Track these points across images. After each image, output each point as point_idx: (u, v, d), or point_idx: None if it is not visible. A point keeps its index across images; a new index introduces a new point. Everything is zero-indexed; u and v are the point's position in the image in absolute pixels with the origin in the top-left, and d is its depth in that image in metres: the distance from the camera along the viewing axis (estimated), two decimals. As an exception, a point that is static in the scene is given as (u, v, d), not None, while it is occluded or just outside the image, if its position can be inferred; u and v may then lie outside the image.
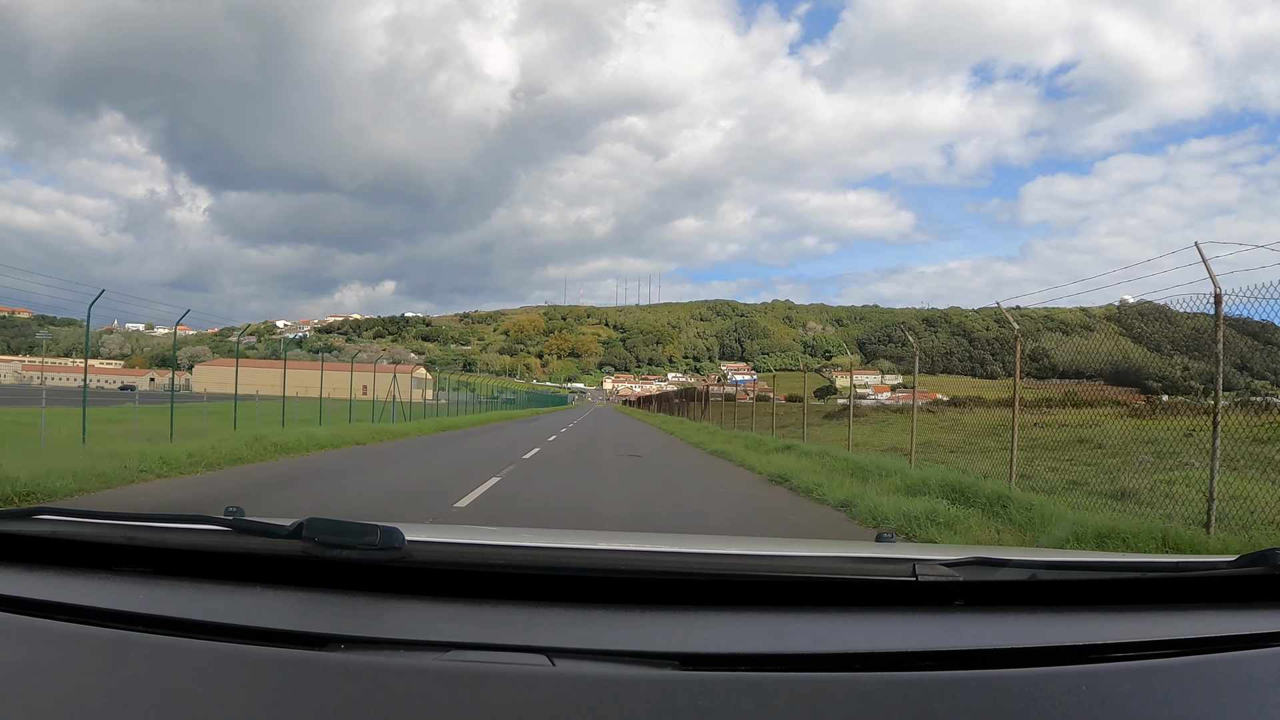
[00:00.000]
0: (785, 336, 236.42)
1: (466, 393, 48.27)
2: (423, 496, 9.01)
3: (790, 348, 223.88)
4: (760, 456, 14.52)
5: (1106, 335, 7.68)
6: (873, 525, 7.21)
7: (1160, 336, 6.70)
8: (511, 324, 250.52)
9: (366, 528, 1.05)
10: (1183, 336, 7.23)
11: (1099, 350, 7.88)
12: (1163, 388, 11.25)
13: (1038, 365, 14.60)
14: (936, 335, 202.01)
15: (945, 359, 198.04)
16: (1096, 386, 12.19)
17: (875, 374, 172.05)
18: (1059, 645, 0.95)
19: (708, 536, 3.07)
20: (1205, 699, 0.87)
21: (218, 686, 0.84)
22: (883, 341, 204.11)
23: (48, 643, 0.93)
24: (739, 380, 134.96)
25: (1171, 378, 9.14)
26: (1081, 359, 8.81)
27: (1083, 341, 8.23)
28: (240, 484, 9.53)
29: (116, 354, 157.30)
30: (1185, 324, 6.99)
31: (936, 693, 0.85)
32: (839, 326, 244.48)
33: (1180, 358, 7.68)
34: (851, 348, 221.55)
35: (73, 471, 8.36)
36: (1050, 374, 18.83)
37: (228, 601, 1.05)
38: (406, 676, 0.85)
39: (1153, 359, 7.25)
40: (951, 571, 1.08)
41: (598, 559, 1.20)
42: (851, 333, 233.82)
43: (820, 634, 1.01)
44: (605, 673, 0.88)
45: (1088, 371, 9.93)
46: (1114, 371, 8.51)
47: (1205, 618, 1.06)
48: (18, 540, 1.18)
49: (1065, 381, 14.56)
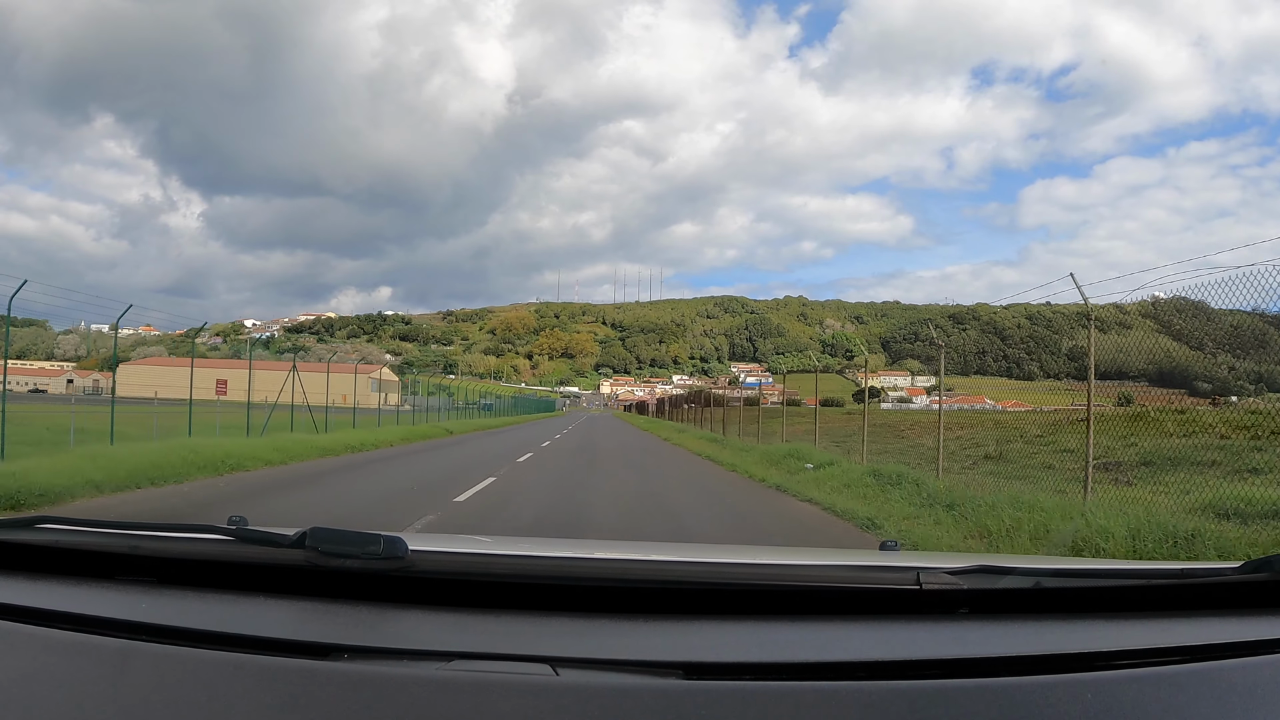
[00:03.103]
0: (801, 334, 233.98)
1: (444, 397, 47.72)
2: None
3: (808, 347, 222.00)
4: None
5: (1146, 333, 7.70)
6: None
7: (1202, 334, 6.71)
8: (499, 322, 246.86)
9: (370, 537, 1.13)
10: (1224, 334, 7.24)
11: (1140, 349, 7.89)
12: (1213, 389, 11.24)
13: (1076, 365, 14.56)
14: (966, 333, 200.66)
15: (979, 359, 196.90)
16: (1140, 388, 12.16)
17: (905, 375, 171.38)
18: (1064, 653, 1.02)
19: (711, 546, 3.13)
20: (1210, 706, 0.93)
21: (221, 696, 0.90)
22: (908, 340, 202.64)
23: (51, 652, 1.00)
24: (754, 383, 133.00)
25: (1219, 378, 9.15)
26: (1123, 358, 8.81)
27: (1122, 339, 8.25)
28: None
29: (71, 355, 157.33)
30: (1224, 320, 7.00)
31: (942, 701, 0.91)
32: (859, 324, 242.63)
33: (1224, 356, 7.72)
34: (874, 346, 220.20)
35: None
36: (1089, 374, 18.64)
37: (231, 611, 1.12)
38: (410, 686, 0.91)
39: (1197, 358, 7.27)
40: (956, 579, 1.15)
41: (601, 568, 1.28)
42: (873, 330, 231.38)
43: (825, 643, 1.08)
44: (609, 682, 0.94)
45: (1131, 372, 9.93)
46: (1158, 372, 8.53)
47: (1210, 624, 1.12)
48: (21, 549, 1.26)
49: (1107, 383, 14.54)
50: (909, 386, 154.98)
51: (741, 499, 11.63)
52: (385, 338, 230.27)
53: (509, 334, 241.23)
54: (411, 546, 1.14)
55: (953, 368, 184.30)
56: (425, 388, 47.94)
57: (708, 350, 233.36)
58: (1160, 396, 9.91)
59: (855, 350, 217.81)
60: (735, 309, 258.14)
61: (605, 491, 12.03)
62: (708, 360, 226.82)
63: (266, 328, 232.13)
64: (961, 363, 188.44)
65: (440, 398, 46.71)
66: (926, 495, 9.42)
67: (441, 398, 46.97)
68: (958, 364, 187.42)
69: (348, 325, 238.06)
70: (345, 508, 10.02)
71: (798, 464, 14.31)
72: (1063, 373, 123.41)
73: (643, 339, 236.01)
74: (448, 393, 50.54)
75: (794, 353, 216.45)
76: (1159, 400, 9.81)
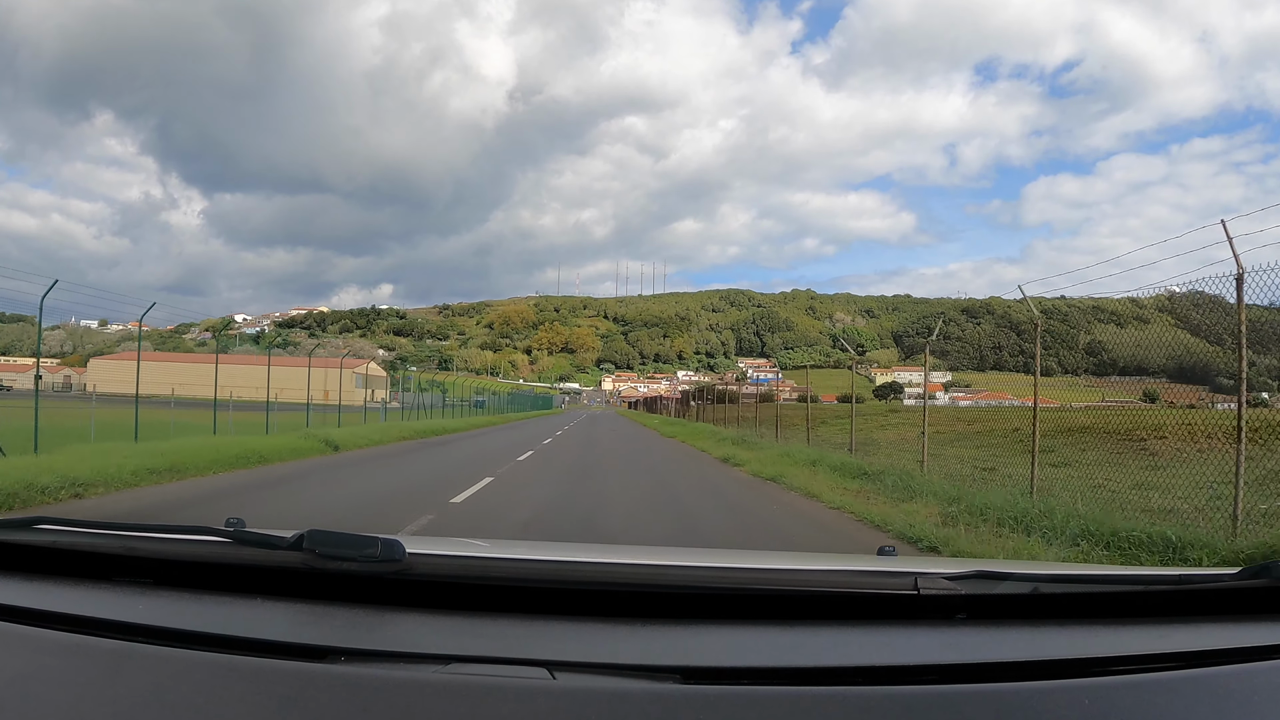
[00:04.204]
0: (811, 329, 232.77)
1: (436, 393, 47.53)
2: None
3: (817, 341, 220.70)
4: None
5: (1164, 327, 7.68)
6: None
7: (1220, 329, 6.70)
8: (496, 316, 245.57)
9: (367, 540, 1.16)
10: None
11: (1159, 343, 7.89)
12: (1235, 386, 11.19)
13: (1095, 360, 14.54)
14: (980, 327, 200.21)
15: (995, 353, 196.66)
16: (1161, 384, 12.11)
17: (920, 370, 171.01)
18: (1061, 659, 1.05)
19: (709, 550, 3.17)
20: (1208, 712, 0.96)
21: (217, 698, 0.93)
22: (921, 334, 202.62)
23: (47, 653, 1.03)
24: (764, 379, 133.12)
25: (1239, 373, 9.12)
26: (1143, 354, 8.80)
27: (1139, 334, 8.25)
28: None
29: (57, 351, 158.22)
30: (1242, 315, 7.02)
31: (939, 706, 0.94)
32: (870, 318, 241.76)
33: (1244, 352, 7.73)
34: (886, 341, 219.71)
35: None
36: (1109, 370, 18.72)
37: (228, 613, 1.16)
38: (406, 689, 0.94)
39: (1216, 353, 7.23)
40: (953, 585, 1.19)
41: (598, 572, 1.31)
42: (885, 324, 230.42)
43: (822, 647, 1.11)
44: (606, 686, 0.97)
45: (1150, 368, 9.91)
46: (1178, 368, 8.52)
47: (1208, 630, 1.15)
48: (17, 550, 1.30)
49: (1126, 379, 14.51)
50: (927, 383, 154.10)
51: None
52: (379, 332, 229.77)
53: (507, 328, 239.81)
54: (409, 549, 1.17)
55: (968, 363, 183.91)
56: (417, 383, 47.67)
57: (714, 345, 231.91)
58: (1185, 393, 9.82)
59: (868, 345, 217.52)
60: (741, 302, 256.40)
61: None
62: (714, 355, 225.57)
63: (257, 322, 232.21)
64: (978, 358, 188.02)
65: (434, 394, 46.60)
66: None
67: (434, 394, 46.86)
68: (973, 359, 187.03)
69: (341, 320, 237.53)
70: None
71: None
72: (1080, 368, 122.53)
73: (646, 333, 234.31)
74: (441, 389, 50.49)
75: (803, 347, 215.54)
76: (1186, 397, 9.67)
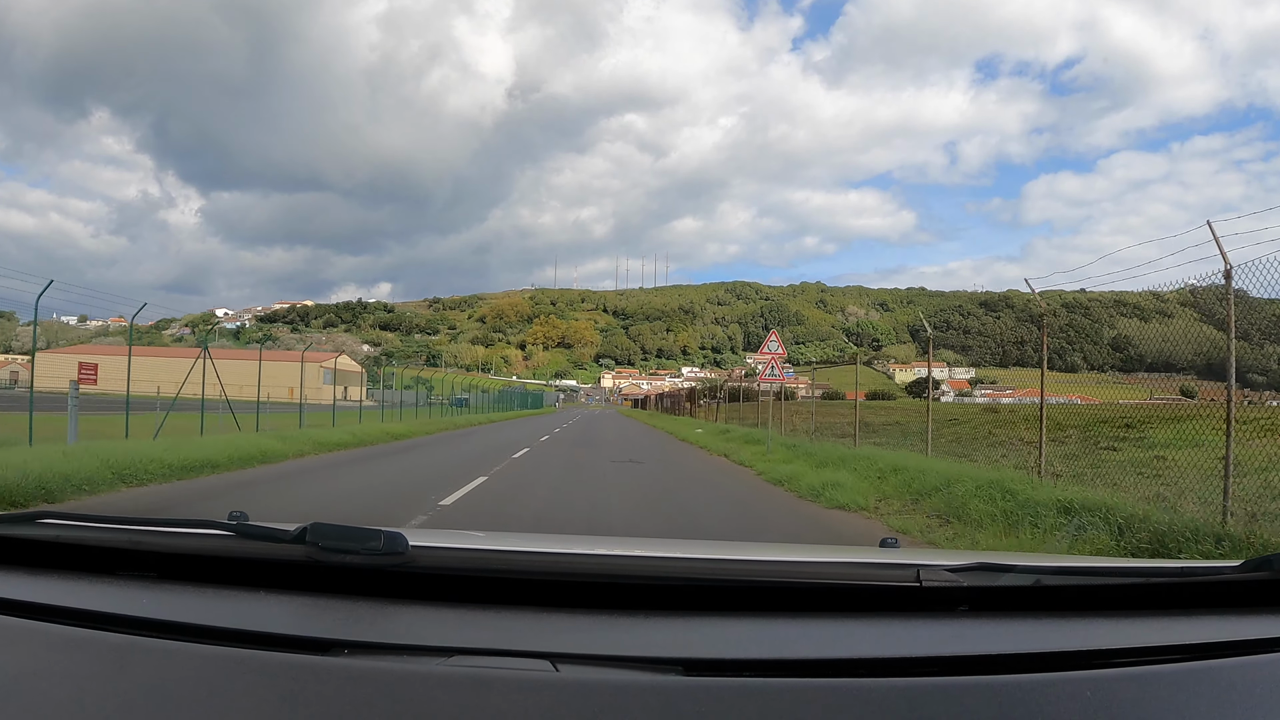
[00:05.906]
0: (822, 323, 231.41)
1: (421, 390, 47.06)
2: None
3: (830, 335, 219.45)
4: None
5: (1189, 322, 7.75)
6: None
7: (1247, 323, 6.76)
8: (489, 309, 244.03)
9: (370, 533, 1.22)
10: (1268, 323, 7.31)
11: (1186, 338, 7.95)
12: (1267, 382, 11.23)
13: (1121, 356, 14.59)
14: (1000, 321, 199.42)
15: (1017, 348, 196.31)
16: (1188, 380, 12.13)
17: (941, 366, 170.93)
18: (1064, 651, 1.10)
19: (712, 542, 3.23)
20: (1209, 704, 1.00)
21: (221, 691, 0.98)
22: (939, 328, 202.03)
23: (51, 648, 1.08)
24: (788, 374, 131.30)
25: (1270, 369, 9.15)
26: (1169, 349, 8.83)
27: (1165, 329, 8.30)
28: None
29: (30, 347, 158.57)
30: (1265, 310, 7.08)
31: (941, 698, 0.98)
32: (884, 311, 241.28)
33: (1271, 346, 7.77)
34: (903, 335, 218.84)
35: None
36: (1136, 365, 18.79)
37: (231, 606, 1.22)
38: (410, 682, 0.99)
39: (1244, 349, 7.30)
40: (956, 577, 1.24)
41: (601, 564, 1.37)
42: (900, 318, 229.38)
43: (824, 640, 1.16)
44: (609, 678, 1.02)
45: (1178, 364, 9.95)
46: (1205, 364, 8.55)
47: (1210, 623, 1.21)
48: (21, 544, 1.36)
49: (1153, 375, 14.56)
50: (948, 379, 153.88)
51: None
52: (366, 327, 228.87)
53: (500, 322, 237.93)
54: (412, 542, 1.23)
55: (990, 358, 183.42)
56: (400, 380, 47.13)
57: (720, 339, 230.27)
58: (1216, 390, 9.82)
59: (883, 339, 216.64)
60: (748, 295, 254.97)
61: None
62: (720, 350, 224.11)
63: (239, 317, 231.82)
64: (1000, 353, 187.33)
65: (419, 391, 46.17)
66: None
67: (420, 390, 46.46)
68: (995, 354, 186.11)
69: (325, 314, 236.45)
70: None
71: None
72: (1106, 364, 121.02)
73: (648, 327, 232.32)
74: (427, 386, 50.25)
75: (816, 341, 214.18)
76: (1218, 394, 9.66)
